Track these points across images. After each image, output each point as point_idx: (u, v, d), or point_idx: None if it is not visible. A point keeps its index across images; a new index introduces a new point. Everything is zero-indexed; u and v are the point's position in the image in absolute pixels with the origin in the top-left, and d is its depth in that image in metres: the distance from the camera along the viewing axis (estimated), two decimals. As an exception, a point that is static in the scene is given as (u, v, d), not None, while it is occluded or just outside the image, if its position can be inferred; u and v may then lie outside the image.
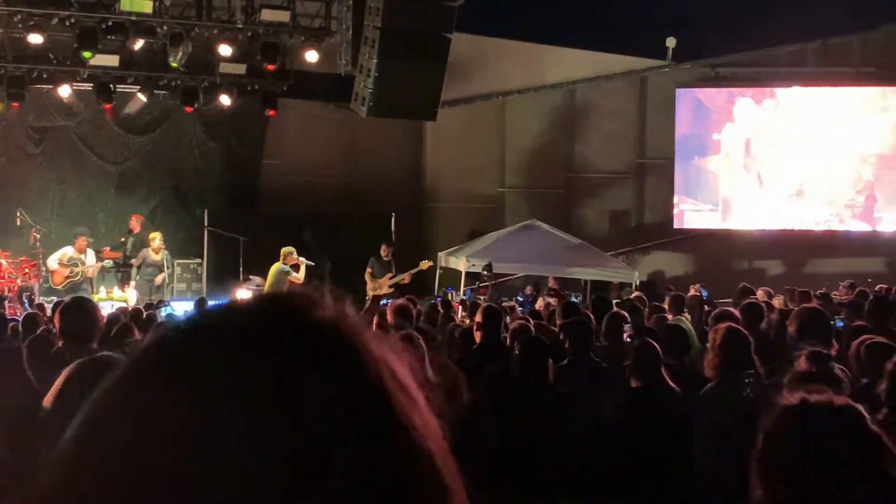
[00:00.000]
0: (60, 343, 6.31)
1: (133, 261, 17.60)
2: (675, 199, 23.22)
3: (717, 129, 23.07)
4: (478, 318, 8.39)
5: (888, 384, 4.76)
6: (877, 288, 14.28)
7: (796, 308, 8.92)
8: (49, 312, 11.64)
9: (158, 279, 17.44)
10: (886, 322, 8.70)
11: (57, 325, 6.67)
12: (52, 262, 17.02)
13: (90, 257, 17.28)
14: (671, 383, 6.53)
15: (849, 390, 4.95)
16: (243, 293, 17.40)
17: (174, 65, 17.21)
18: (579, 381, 7.15)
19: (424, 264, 17.96)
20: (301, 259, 17.09)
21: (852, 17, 23.05)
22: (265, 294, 0.92)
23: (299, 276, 16.86)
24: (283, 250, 16.95)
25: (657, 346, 6.68)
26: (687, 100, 23.17)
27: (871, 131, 22.42)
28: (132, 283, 17.29)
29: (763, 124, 22.84)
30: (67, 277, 16.91)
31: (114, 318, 10.22)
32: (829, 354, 5.16)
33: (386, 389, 0.83)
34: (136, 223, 18.45)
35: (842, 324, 10.02)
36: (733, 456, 5.48)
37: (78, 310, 6.51)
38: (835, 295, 14.72)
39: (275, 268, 16.78)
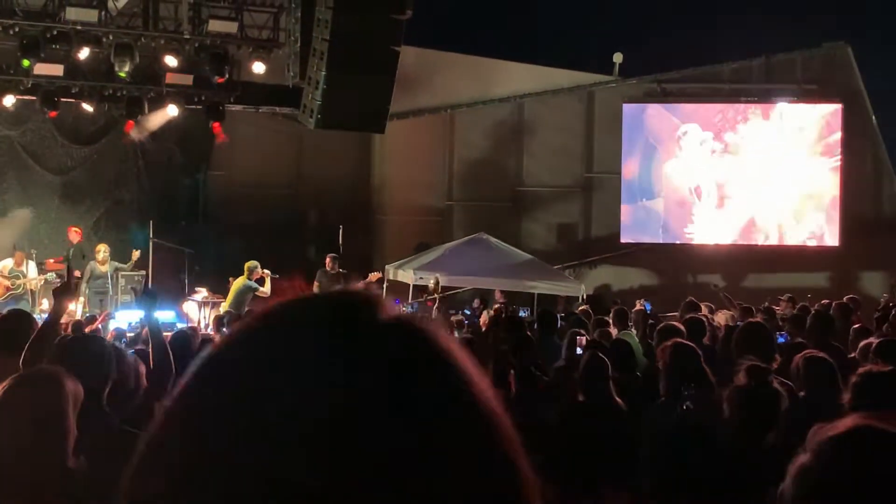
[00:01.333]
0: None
1: (76, 272, 17.35)
2: (622, 239, 23.47)
3: (664, 158, 23.31)
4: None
5: (851, 395, 4.85)
6: (823, 302, 14.47)
7: (740, 323, 9.01)
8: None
9: (136, 254, 17.39)
10: (826, 336, 8.82)
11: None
12: None
13: (32, 270, 17.06)
14: (616, 398, 6.53)
15: (787, 404, 5.01)
16: (189, 305, 17.26)
17: (122, 74, 17.03)
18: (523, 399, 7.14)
19: (373, 276, 17.86)
20: (266, 272, 16.78)
21: (795, 36, 23.48)
22: (337, 293, 0.97)
23: (266, 290, 16.58)
24: (248, 265, 16.48)
25: (606, 359, 6.68)
26: (633, 131, 23.36)
27: (816, 169, 22.80)
28: (81, 298, 16.99)
29: (712, 156, 23.11)
30: (8, 290, 16.69)
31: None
32: (768, 368, 5.22)
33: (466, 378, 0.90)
34: (74, 235, 18.18)
35: (784, 338, 10.13)
36: (675, 470, 5.54)
37: (11, 321, 6.43)
38: (777, 309, 14.88)
39: (239, 283, 16.32)
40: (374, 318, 0.90)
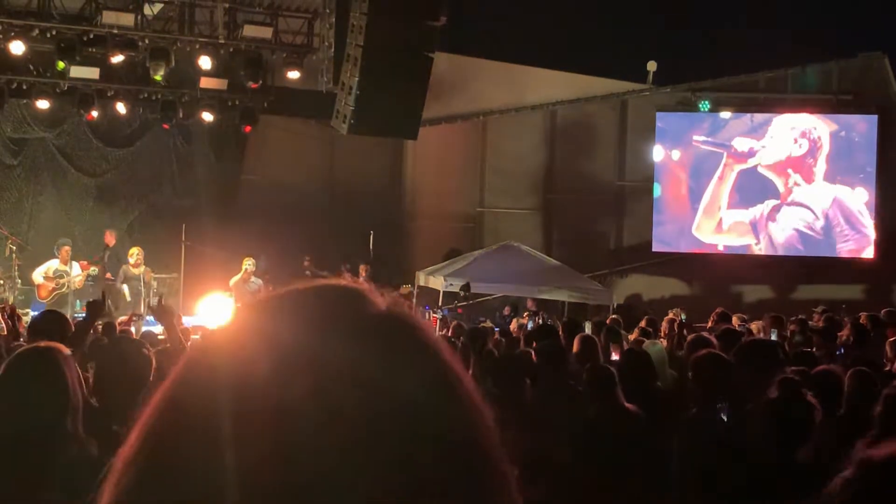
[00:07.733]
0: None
1: (108, 275, 17.46)
2: (654, 248, 23.34)
3: (696, 167, 23.19)
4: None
5: (882, 408, 4.81)
6: (856, 315, 14.32)
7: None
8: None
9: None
10: (862, 349, 8.75)
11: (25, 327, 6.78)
12: (38, 276, 16.84)
13: (75, 268, 17.14)
14: (627, 405, 6.44)
15: (821, 417, 4.96)
16: (213, 303, 17.37)
17: (157, 78, 17.18)
18: (551, 404, 7.11)
19: (404, 289, 17.89)
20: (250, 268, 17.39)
21: (832, 45, 23.29)
22: (330, 285, 0.96)
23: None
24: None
25: (612, 369, 6.65)
26: (665, 140, 23.26)
27: (851, 179, 22.60)
28: (127, 299, 17.11)
29: (747, 165, 22.96)
30: (54, 290, 16.73)
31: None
32: (801, 381, 5.16)
33: (449, 363, 0.91)
34: (110, 237, 18.30)
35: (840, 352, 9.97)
36: (710, 482, 5.49)
37: (50, 314, 6.63)
38: (811, 322, 14.72)
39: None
40: (367, 309, 0.91)
